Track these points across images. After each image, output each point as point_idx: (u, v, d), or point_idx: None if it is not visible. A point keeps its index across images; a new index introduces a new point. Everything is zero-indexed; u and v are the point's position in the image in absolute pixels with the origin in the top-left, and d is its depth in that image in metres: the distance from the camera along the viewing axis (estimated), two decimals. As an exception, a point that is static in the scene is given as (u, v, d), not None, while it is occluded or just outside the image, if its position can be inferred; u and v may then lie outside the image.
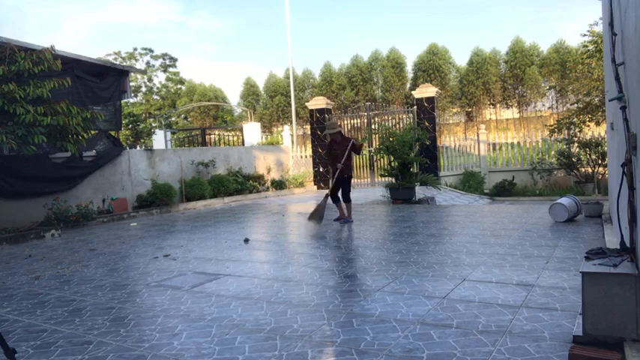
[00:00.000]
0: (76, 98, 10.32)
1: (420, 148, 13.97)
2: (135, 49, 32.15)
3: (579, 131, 15.13)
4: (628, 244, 3.19)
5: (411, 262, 5.21)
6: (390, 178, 12.62)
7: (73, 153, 10.00)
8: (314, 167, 16.77)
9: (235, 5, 69.72)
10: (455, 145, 17.62)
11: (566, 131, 15.56)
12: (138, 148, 20.76)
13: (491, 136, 19.69)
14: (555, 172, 15.54)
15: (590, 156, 14.17)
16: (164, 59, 33.72)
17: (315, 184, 16.76)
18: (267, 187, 15.87)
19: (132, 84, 26.83)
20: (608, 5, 3.92)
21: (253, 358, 2.97)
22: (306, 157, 18.83)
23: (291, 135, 19.84)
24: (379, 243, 6.53)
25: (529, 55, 32.39)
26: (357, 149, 8.22)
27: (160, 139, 20.59)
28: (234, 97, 55.64)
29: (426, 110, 14.84)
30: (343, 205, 8.43)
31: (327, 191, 8.34)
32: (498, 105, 34.64)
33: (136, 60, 32.14)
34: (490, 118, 34.62)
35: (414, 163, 12.50)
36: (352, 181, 16.21)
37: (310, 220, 8.09)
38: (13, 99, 8.16)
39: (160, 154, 13.26)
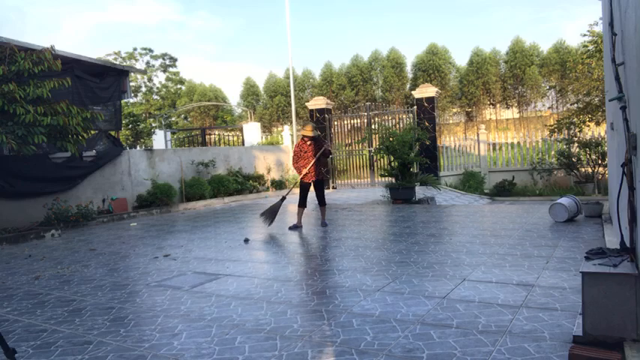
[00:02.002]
0: (76, 98, 10.32)
1: (420, 148, 13.97)
2: (135, 49, 32.17)
3: (579, 131, 15.13)
4: (628, 244, 3.19)
5: (411, 262, 5.21)
6: (390, 178, 12.63)
7: (73, 153, 10.00)
8: (314, 167, 16.75)
9: (235, 5, 69.73)
10: (455, 145, 17.62)
11: (566, 131, 15.57)
12: (138, 148, 20.76)
13: (491, 136, 19.69)
14: (555, 172, 15.54)
15: (590, 156, 14.18)
16: (164, 59, 33.72)
17: (315, 184, 16.75)
18: (267, 187, 15.87)
19: (132, 84, 26.82)
20: (608, 5, 3.92)
21: (253, 358, 2.97)
22: (306, 157, 18.78)
23: (291, 135, 19.81)
24: (379, 243, 6.53)
25: (529, 55, 32.39)
26: (327, 153, 8.02)
27: (160, 139, 20.58)
28: (234, 97, 55.67)
29: (426, 110, 14.84)
30: (306, 210, 8.24)
31: (284, 193, 8.02)
32: (498, 105, 34.64)
33: (136, 60, 32.14)
34: (490, 118, 34.61)
35: (414, 163, 12.50)
36: (352, 181, 16.43)
37: (262, 217, 7.99)
38: (13, 99, 8.16)
39: (160, 154, 13.26)
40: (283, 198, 8.02)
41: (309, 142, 7.88)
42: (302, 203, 8.03)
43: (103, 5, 65.28)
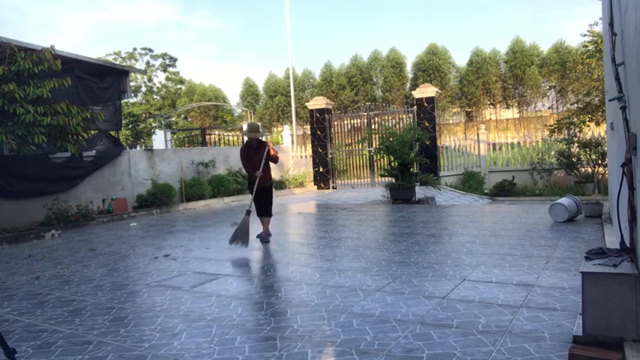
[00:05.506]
0: (76, 98, 10.32)
1: (420, 148, 13.97)
2: (135, 49, 32.23)
3: (579, 131, 15.13)
4: (628, 244, 3.19)
5: (411, 262, 5.21)
6: (390, 178, 12.63)
7: (73, 153, 10.00)
8: (314, 167, 16.77)
9: (235, 5, 69.70)
10: (455, 145, 17.62)
11: (566, 131, 15.56)
12: (138, 148, 20.75)
13: (491, 136, 19.68)
14: (555, 172, 15.53)
15: (590, 156, 14.16)
16: (164, 59, 33.77)
17: (315, 184, 16.76)
18: (267, 187, 15.84)
19: (132, 84, 26.80)
20: (608, 5, 3.92)
21: (253, 358, 2.97)
22: (306, 157, 18.82)
23: (291, 135, 19.83)
24: (379, 243, 6.53)
25: (529, 55, 32.35)
26: (274, 158, 7.13)
27: (159, 139, 20.57)
28: (234, 97, 55.66)
29: (426, 110, 14.84)
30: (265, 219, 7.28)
31: (248, 207, 6.92)
32: (498, 105, 34.62)
33: (136, 60, 32.19)
34: (490, 118, 34.59)
35: (414, 163, 12.50)
36: (352, 181, 16.43)
37: (234, 243, 6.67)
38: (13, 99, 8.16)
39: (159, 154, 13.26)
40: (248, 212, 6.93)
41: (255, 146, 7.09)
42: (262, 211, 7.25)
43: (103, 5, 65.23)
